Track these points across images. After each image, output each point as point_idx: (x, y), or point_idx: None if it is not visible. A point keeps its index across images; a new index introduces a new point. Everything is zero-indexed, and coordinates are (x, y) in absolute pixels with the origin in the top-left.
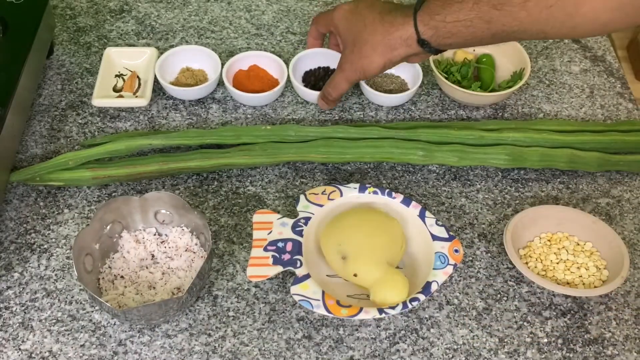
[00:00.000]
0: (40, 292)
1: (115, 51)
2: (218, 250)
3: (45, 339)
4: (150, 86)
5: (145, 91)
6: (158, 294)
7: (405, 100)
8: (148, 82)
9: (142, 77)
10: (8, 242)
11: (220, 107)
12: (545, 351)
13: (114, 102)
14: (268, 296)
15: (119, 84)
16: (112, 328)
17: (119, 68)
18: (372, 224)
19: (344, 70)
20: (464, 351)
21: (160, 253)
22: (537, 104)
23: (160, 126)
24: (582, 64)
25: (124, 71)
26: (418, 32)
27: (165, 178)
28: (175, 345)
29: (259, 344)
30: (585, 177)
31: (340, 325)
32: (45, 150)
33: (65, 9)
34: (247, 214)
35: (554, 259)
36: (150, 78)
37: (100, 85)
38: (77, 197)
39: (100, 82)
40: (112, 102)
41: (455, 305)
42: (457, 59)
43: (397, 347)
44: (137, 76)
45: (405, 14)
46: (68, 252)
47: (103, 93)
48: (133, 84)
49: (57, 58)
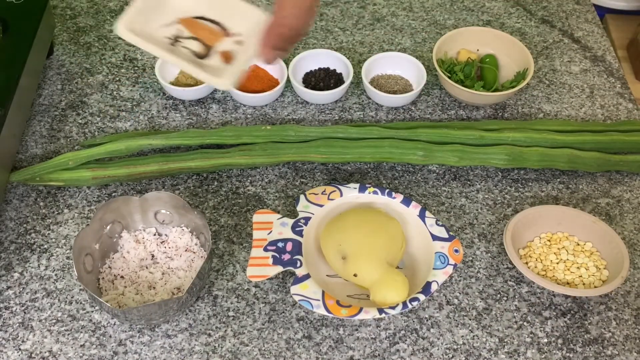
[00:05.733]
0: (40, 292)
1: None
2: (218, 250)
3: (45, 339)
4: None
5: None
6: (158, 294)
7: (410, 100)
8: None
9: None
10: (8, 242)
11: (220, 107)
12: (545, 351)
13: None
14: (268, 296)
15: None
16: (112, 328)
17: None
18: (372, 224)
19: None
20: (464, 351)
21: (160, 253)
22: (537, 104)
23: (160, 126)
24: (582, 64)
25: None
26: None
27: (165, 178)
28: (175, 345)
29: (259, 344)
30: (585, 177)
31: (340, 325)
32: (45, 150)
33: (65, 9)
34: (247, 214)
35: (554, 259)
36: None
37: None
38: (77, 197)
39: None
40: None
41: (455, 305)
42: (460, 58)
43: (397, 347)
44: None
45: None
46: (68, 252)
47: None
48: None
49: (57, 58)
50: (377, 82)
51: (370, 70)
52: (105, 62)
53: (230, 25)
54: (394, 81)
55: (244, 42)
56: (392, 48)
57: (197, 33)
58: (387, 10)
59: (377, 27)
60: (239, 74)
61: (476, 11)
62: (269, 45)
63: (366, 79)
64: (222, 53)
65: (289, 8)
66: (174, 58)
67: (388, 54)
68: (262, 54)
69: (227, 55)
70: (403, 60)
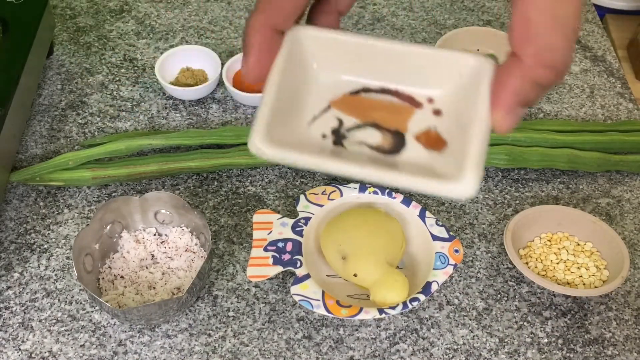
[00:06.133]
0: (40, 292)
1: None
2: (218, 250)
3: (45, 339)
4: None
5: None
6: (158, 294)
7: None
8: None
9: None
10: (8, 242)
11: (220, 107)
12: (546, 351)
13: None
14: (268, 296)
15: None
16: (112, 328)
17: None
18: (372, 224)
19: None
20: (464, 351)
21: (160, 253)
22: (537, 104)
23: (160, 126)
24: (582, 64)
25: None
26: None
27: (165, 178)
28: (175, 345)
29: (259, 344)
30: (585, 177)
31: (340, 325)
32: (45, 150)
33: (65, 9)
34: (247, 214)
35: (554, 259)
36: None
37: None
38: (77, 197)
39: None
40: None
41: (456, 305)
42: None
43: (397, 347)
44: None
45: None
46: (68, 252)
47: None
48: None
49: (57, 58)
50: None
51: None
52: (105, 62)
53: (416, 88)
54: None
55: (444, 109)
56: None
57: (369, 116)
58: (387, 10)
59: (377, 26)
60: (482, 162)
61: (476, 11)
62: (511, 103)
63: None
64: (423, 136)
65: (547, 35)
66: (348, 166)
67: None
68: (500, 121)
69: (433, 138)
70: None
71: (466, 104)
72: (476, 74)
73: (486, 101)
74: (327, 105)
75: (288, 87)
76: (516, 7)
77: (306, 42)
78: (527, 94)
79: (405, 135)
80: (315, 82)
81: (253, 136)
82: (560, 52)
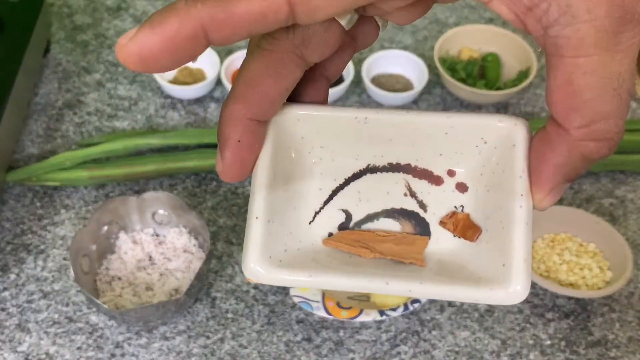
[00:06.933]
0: (37, 293)
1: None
2: (216, 252)
3: (42, 341)
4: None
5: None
6: (156, 295)
7: (411, 99)
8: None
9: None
10: (4, 243)
11: (219, 106)
12: (548, 353)
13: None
14: (267, 298)
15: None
16: (109, 330)
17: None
18: None
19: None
20: (465, 353)
21: (158, 254)
22: (540, 103)
23: (158, 125)
24: None
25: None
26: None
27: (163, 178)
28: (174, 347)
29: (258, 346)
30: (588, 177)
31: (341, 327)
32: (42, 150)
33: (62, 7)
34: (246, 214)
35: (557, 259)
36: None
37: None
38: (73, 197)
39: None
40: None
41: (457, 307)
42: (462, 57)
43: (398, 350)
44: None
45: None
46: (65, 253)
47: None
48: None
49: (53, 56)
50: (378, 81)
51: (370, 69)
52: (102, 60)
53: (433, 163)
54: (395, 80)
55: (470, 185)
56: (393, 46)
57: (373, 249)
58: None
59: None
60: (530, 257)
61: (478, 9)
62: (556, 181)
63: (367, 78)
64: (451, 222)
65: (597, 103)
66: (368, 282)
67: (389, 52)
68: (541, 201)
69: (463, 224)
70: (404, 58)
71: (499, 179)
72: (506, 139)
73: (525, 178)
74: (329, 197)
75: (280, 186)
76: (554, 68)
77: (295, 126)
78: (574, 171)
79: (428, 222)
80: (311, 173)
81: (248, 258)
82: (614, 121)
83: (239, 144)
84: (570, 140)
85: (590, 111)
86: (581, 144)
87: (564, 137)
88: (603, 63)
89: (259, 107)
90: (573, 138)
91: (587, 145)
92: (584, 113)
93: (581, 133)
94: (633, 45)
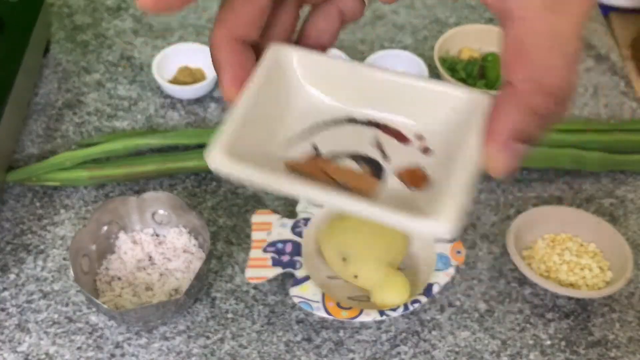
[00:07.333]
0: (37, 293)
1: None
2: (216, 252)
3: (42, 341)
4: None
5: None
6: (155, 295)
7: None
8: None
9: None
10: (4, 243)
11: (218, 106)
12: (549, 353)
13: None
14: (267, 298)
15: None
16: (109, 330)
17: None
18: (373, 225)
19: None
20: (466, 354)
21: (158, 254)
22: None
23: (158, 125)
24: (585, 63)
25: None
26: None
27: (163, 178)
28: (173, 347)
29: (258, 347)
30: (588, 177)
31: (341, 327)
32: (42, 150)
33: (62, 7)
34: (246, 214)
35: (557, 260)
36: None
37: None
38: (73, 197)
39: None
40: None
41: (457, 307)
42: (462, 56)
43: (398, 350)
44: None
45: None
46: (65, 253)
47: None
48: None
49: (53, 56)
50: None
51: None
52: (102, 60)
53: (405, 121)
54: None
55: (434, 147)
56: (393, 46)
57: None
58: (389, 8)
59: (378, 24)
60: (463, 200)
61: (478, 9)
62: (506, 137)
63: None
64: (406, 173)
65: (542, 57)
66: (318, 192)
67: (389, 52)
68: (494, 158)
69: (416, 176)
70: (404, 58)
71: (457, 141)
72: (471, 108)
73: (477, 136)
74: (304, 130)
75: (264, 103)
76: (507, 30)
77: (289, 60)
78: (524, 127)
79: (385, 170)
80: (295, 104)
81: (213, 147)
82: (559, 74)
83: (231, 64)
84: (517, 94)
85: (536, 65)
86: (528, 98)
87: (512, 93)
88: (549, 23)
89: (239, 27)
90: (520, 91)
91: (534, 98)
92: (530, 67)
93: (528, 86)
94: (580, 9)
